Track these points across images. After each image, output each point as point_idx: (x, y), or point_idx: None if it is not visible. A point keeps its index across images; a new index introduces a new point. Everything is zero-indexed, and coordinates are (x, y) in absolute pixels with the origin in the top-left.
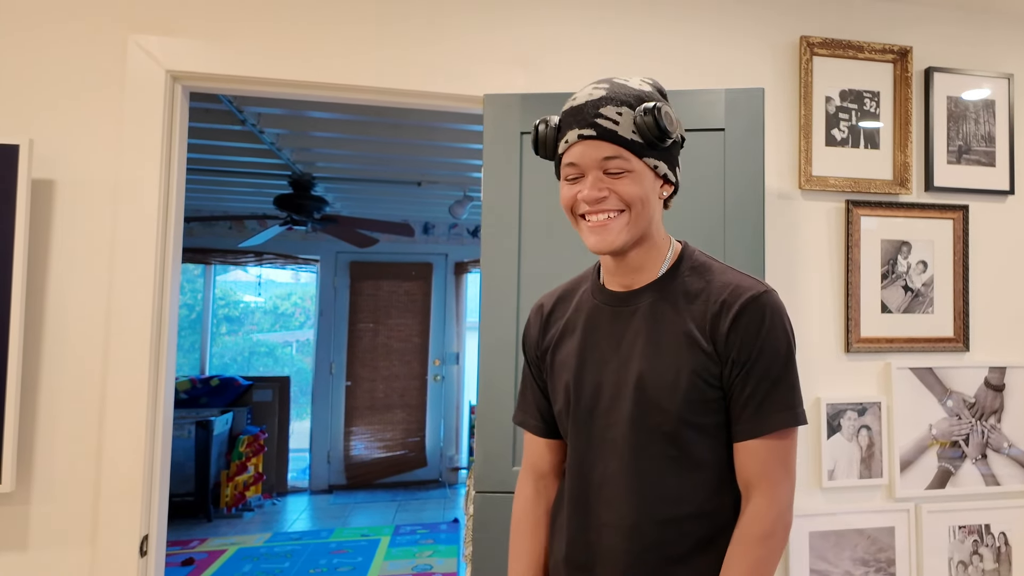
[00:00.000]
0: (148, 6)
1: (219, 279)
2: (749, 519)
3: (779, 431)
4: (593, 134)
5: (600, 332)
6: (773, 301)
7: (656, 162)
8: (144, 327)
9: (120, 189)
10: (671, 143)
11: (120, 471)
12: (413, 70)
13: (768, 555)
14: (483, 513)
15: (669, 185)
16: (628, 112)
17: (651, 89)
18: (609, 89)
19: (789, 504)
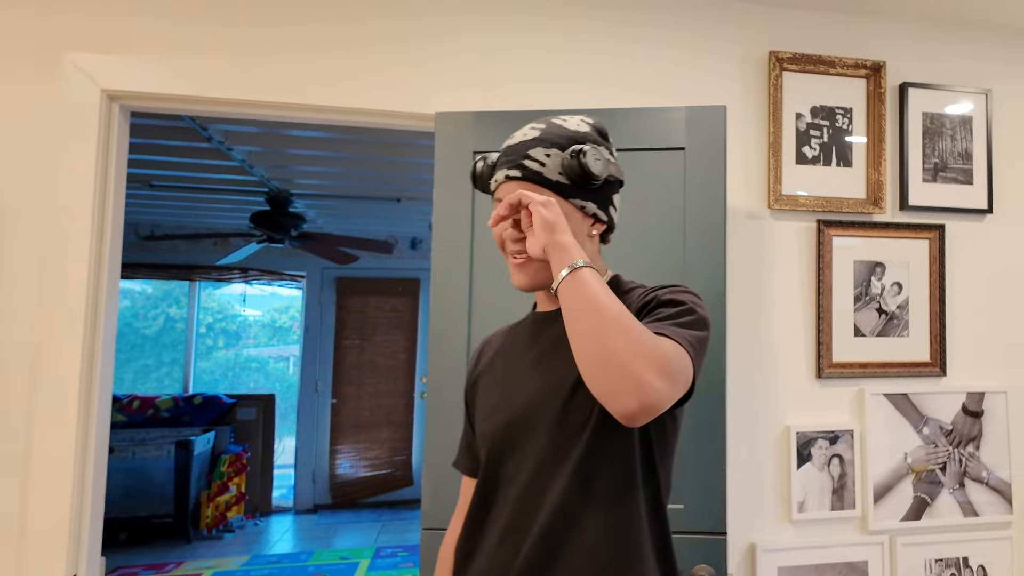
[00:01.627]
0: (86, 24)
1: (218, 293)
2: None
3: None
4: (519, 175)
5: (520, 353)
6: (683, 287)
7: (584, 203)
8: (75, 351)
9: (52, 212)
10: (602, 183)
11: (47, 507)
12: (365, 89)
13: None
14: (430, 550)
15: (600, 224)
16: (557, 154)
17: (588, 130)
18: (543, 131)
19: (656, 373)
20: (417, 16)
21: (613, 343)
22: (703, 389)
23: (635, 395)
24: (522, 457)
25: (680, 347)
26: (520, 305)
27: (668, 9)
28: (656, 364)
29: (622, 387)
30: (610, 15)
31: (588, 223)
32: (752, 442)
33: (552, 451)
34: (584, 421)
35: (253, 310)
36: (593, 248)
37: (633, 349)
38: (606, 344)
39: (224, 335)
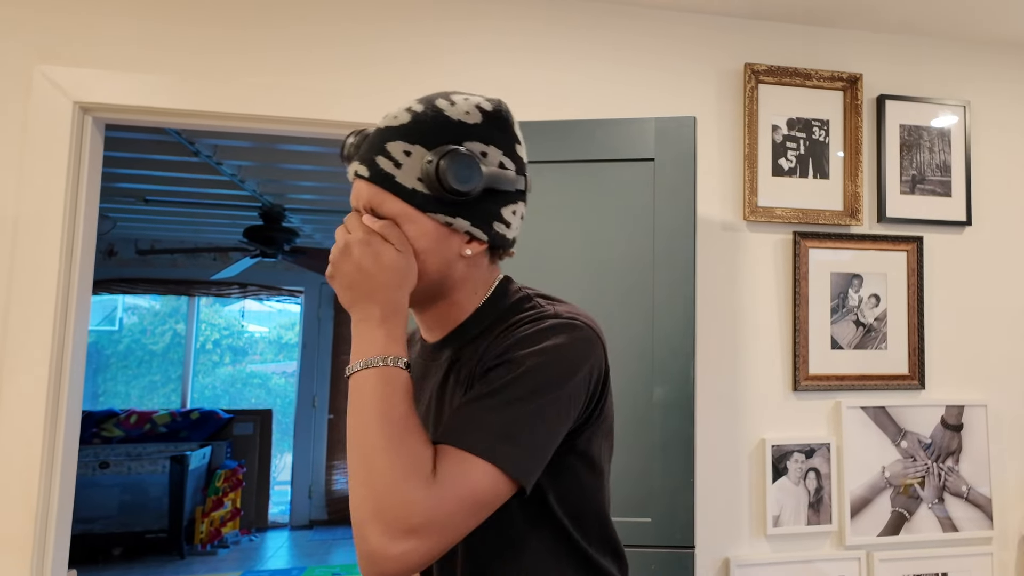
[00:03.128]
0: (57, 36)
1: (225, 309)
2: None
3: (457, 447)
4: (366, 175)
5: (417, 387)
6: (559, 325)
7: (449, 219)
8: (42, 366)
9: (20, 224)
10: (482, 193)
11: (9, 520)
12: (336, 100)
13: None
14: None
15: (479, 243)
16: (420, 152)
17: (478, 120)
18: (416, 116)
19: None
20: (389, 29)
21: (357, 492)
22: (672, 403)
23: (367, 562)
24: None
25: (466, 460)
26: None
27: (643, 21)
28: (394, 524)
29: (359, 551)
30: (585, 27)
31: (460, 240)
32: (726, 455)
33: None
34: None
35: (259, 326)
36: (469, 269)
37: (371, 505)
38: (352, 489)
39: (231, 351)
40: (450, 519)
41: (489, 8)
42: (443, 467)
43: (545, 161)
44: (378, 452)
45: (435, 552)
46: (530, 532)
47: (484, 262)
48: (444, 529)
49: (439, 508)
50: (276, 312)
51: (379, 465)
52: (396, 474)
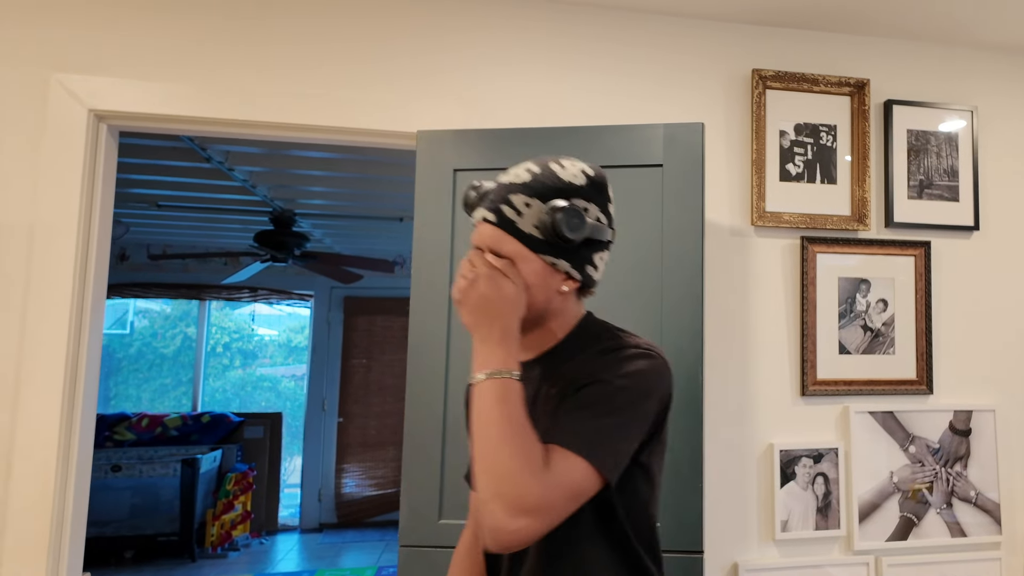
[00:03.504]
0: (73, 45)
1: (235, 313)
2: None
3: (559, 446)
4: (494, 220)
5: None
6: (651, 355)
7: (555, 260)
8: (58, 370)
9: (37, 230)
10: (582, 243)
11: (26, 520)
12: (344, 107)
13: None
14: (409, 569)
15: (573, 281)
16: (538, 205)
17: (583, 183)
18: (534, 176)
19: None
20: (400, 37)
21: (479, 478)
22: (679, 406)
23: (489, 536)
24: None
25: (569, 458)
26: None
27: (651, 28)
28: (513, 504)
29: (480, 525)
30: (593, 34)
31: (559, 278)
32: (735, 460)
33: None
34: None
35: (268, 330)
36: (562, 302)
37: (494, 488)
38: (475, 476)
39: (241, 355)
40: (555, 504)
41: (498, 21)
42: (551, 462)
43: None
44: (501, 447)
45: (542, 530)
46: (594, 531)
47: (573, 298)
48: (551, 512)
49: (548, 494)
50: (285, 316)
51: (502, 457)
52: (516, 465)
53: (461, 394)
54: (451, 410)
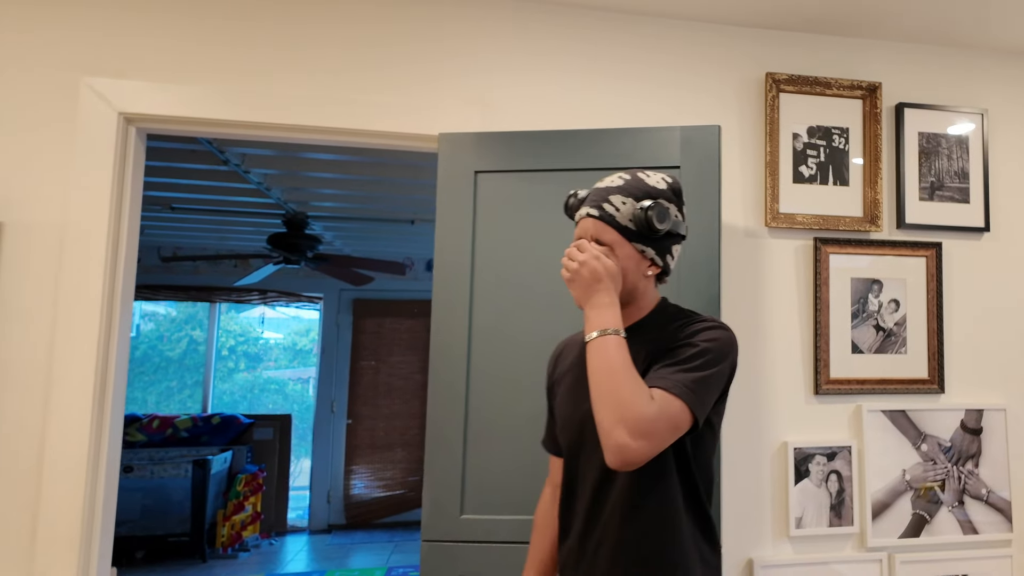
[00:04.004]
0: (102, 49)
1: (240, 316)
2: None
3: (659, 388)
4: (597, 215)
5: (585, 370)
6: (721, 326)
7: (644, 247)
8: (88, 370)
9: (68, 231)
10: (663, 235)
11: (58, 516)
12: (367, 110)
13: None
14: (430, 563)
15: (656, 267)
16: (631, 204)
17: (664, 188)
18: (627, 182)
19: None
20: (421, 42)
21: (603, 410)
22: None
23: (613, 454)
24: (589, 459)
25: (670, 398)
26: (519, 326)
27: (666, 32)
28: (633, 428)
29: (606, 446)
30: (609, 39)
31: (645, 264)
32: (750, 458)
33: (602, 462)
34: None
35: (274, 333)
36: (646, 284)
37: (617, 415)
38: (599, 409)
39: (246, 357)
40: (662, 431)
41: (516, 25)
42: (657, 399)
43: (574, 169)
44: (624, 384)
45: (652, 453)
46: (672, 475)
47: (653, 283)
48: (659, 437)
49: (658, 422)
50: (290, 319)
51: (624, 392)
52: (635, 397)
53: (483, 391)
54: (473, 407)
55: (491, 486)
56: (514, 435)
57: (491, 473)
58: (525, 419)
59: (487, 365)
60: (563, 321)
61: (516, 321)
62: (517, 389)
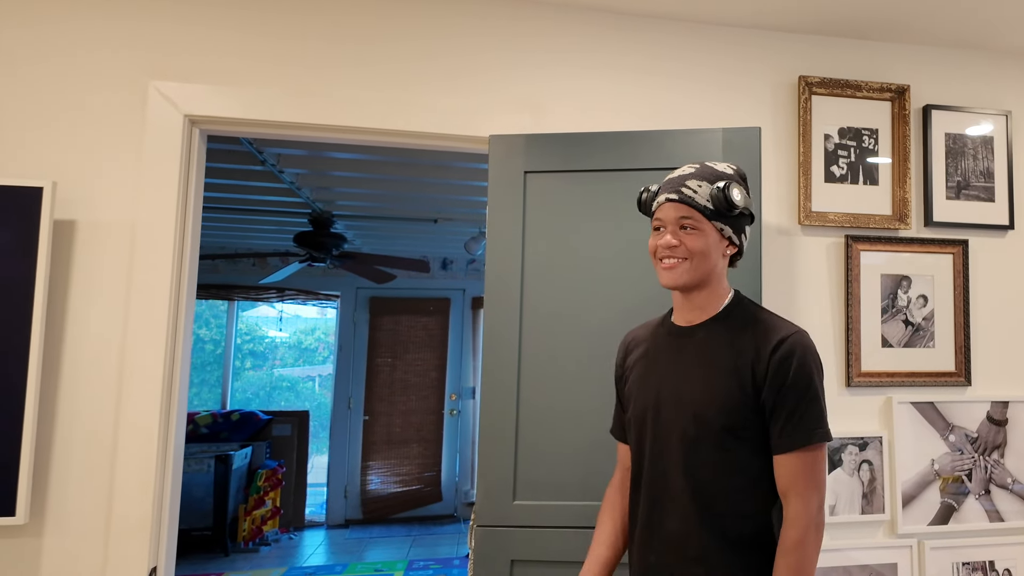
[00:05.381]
0: (169, 54)
1: (245, 315)
2: (785, 527)
3: (805, 447)
4: (676, 198)
5: (663, 357)
6: (803, 341)
7: (722, 226)
8: (157, 365)
9: (138, 229)
10: (737, 213)
11: (131, 505)
12: (423, 113)
13: (802, 558)
14: (484, 548)
15: (733, 246)
16: (707, 186)
17: (732, 172)
18: (698, 169)
19: (818, 510)
20: (473, 45)
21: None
22: None
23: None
24: (655, 445)
25: (810, 452)
26: (568, 321)
27: (704, 37)
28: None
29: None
30: (651, 44)
31: (724, 244)
32: None
33: (680, 448)
34: (706, 431)
35: (281, 332)
36: (723, 266)
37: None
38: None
39: (252, 356)
40: (821, 483)
41: (562, 29)
42: (799, 459)
43: (620, 169)
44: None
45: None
46: (755, 469)
47: (726, 267)
48: (822, 487)
49: (817, 492)
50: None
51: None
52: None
53: (533, 384)
54: (523, 399)
55: (542, 473)
56: (563, 425)
57: (542, 461)
58: (574, 410)
59: (537, 359)
60: (610, 315)
61: (565, 316)
62: (566, 381)
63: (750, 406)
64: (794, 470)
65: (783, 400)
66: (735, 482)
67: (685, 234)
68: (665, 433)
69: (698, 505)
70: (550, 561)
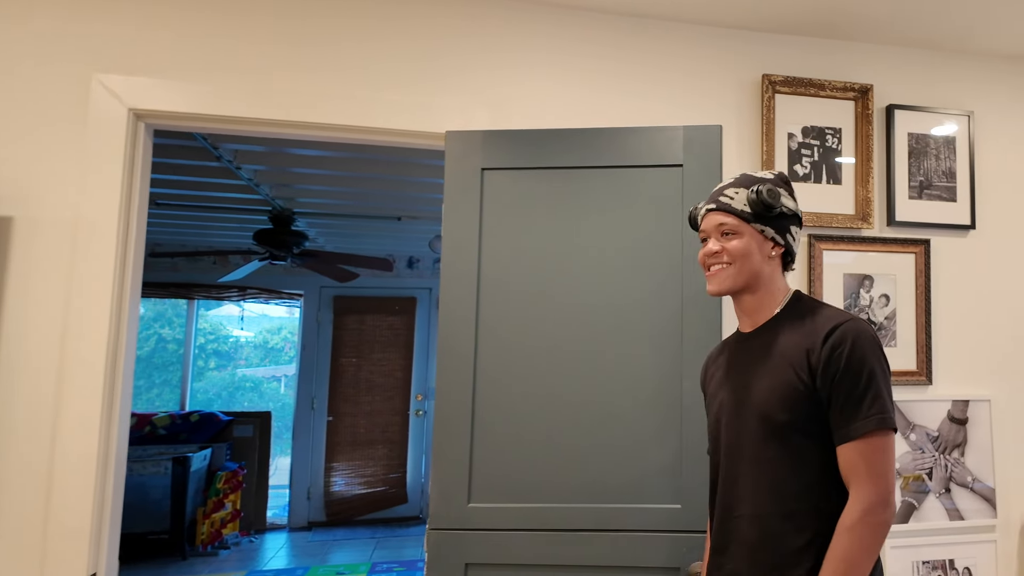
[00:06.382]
0: (113, 46)
1: (209, 314)
2: (843, 514)
3: (866, 435)
4: (714, 207)
5: (733, 363)
6: (856, 327)
7: (763, 227)
8: (99, 363)
9: (79, 226)
10: (778, 213)
11: (70, 507)
12: (379, 108)
13: (854, 543)
14: (438, 551)
15: (779, 247)
16: (743, 192)
17: (772, 176)
18: (736, 179)
19: (879, 500)
20: (428, 39)
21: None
22: (697, 399)
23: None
24: (731, 452)
25: (874, 439)
26: (524, 320)
27: (668, 35)
28: (888, 514)
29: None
30: (614, 40)
31: (768, 246)
32: None
33: (750, 450)
34: (773, 429)
35: (245, 331)
36: (772, 268)
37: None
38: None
39: (216, 356)
40: (889, 472)
41: (521, 26)
42: (867, 447)
43: (581, 167)
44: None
45: (893, 489)
46: (826, 464)
47: (779, 270)
48: (890, 478)
49: (886, 480)
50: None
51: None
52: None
53: (489, 384)
54: (479, 399)
55: (498, 476)
56: (521, 426)
57: (498, 463)
58: (530, 410)
59: (493, 359)
60: (568, 314)
61: (522, 315)
62: (524, 382)
63: (811, 399)
64: (854, 461)
65: (839, 388)
66: (807, 479)
67: (726, 240)
68: (736, 437)
69: (771, 508)
70: (506, 564)
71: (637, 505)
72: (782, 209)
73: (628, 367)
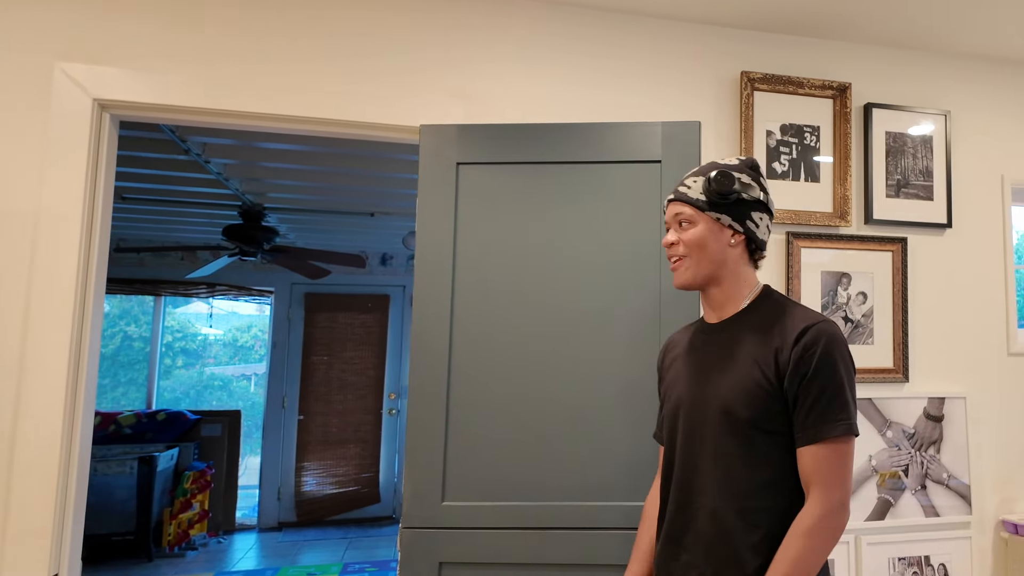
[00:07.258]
0: (77, 35)
1: (178, 311)
2: (799, 515)
3: (832, 440)
4: (672, 197)
5: (693, 355)
6: (828, 329)
7: (718, 215)
8: (61, 360)
9: (41, 218)
10: (735, 200)
11: (30, 508)
12: (351, 101)
13: (808, 548)
14: (411, 550)
15: (739, 235)
16: (701, 180)
17: (737, 162)
18: (701, 167)
19: (838, 505)
20: (401, 33)
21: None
22: None
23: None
24: (688, 445)
25: (834, 445)
26: (499, 316)
27: (646, 31)
28: (840, 520)
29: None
30: (591, 36)
31: (727, 234)
32: None
33: (708, 444)
34: (733, 425)
35: (215, 329)
36: (736, 257)
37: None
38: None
39: (184, 354)
40: (846, 477)
41: (498, 19)
42: (826, 452)
43: (556, 162)
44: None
45: (849, 499)
46: (782, 464)
47: (745, 260)
48: (847, 484)
49: (839, 488)
50: (230, 315)
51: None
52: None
53: (464, 381)
54: (454, 396)
55: (472, 474)
56: (495, 424)
57: (472, 461)
58: (505, 408)
59: (468, 357)
60: (543, 310)
61: (497, 312)
62: (497, 380)
63: (776, 398)
64: (816, 463)
65: (805, 390)
66: (764, 478)
67: (682, 230)
68: (694, 430)
69: (727, 503)
70: (480, 563)
71: (611, 503)
72: (741, 195)
73: (604, 364)
